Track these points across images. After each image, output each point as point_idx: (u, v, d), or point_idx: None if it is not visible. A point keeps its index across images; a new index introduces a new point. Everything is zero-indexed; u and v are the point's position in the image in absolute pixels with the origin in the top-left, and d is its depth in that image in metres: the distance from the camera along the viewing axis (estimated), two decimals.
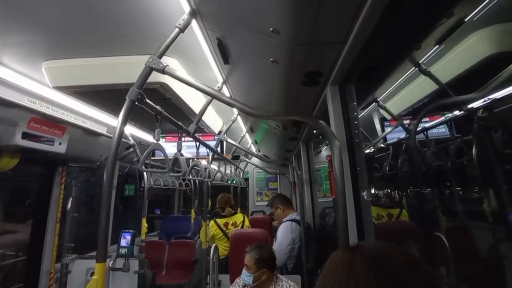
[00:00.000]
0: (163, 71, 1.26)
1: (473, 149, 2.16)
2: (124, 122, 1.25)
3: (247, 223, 3.84)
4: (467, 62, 1.64)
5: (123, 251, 2.90)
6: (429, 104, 2.05)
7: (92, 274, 1.10)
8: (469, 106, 2.00)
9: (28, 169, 2.92)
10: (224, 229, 3.62)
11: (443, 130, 2.53)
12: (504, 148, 1.79)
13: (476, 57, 1.58)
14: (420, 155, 2.48)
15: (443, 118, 2.48)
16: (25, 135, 2.21)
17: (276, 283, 2.10)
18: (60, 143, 2.55)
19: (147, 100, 1.33)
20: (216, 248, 2.84)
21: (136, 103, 1.26)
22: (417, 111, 2.30)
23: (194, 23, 1.30)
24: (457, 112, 2.32)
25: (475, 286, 1.97)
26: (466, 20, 1.30)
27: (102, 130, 2.82)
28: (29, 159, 2.63)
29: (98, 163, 3.34)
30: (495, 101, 1.75)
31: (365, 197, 1.29)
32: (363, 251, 0.59)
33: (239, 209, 5.50)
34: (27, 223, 2.98)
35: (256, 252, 2.12)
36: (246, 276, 2.10)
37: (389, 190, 2.86)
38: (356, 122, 1.43)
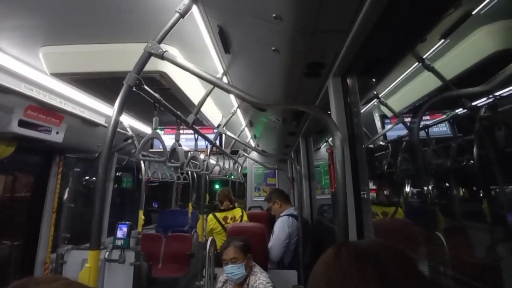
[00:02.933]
0: (162, 56, 1.23)
1: (474, 149, 2.14)
2: (120, 110, 1.22)
3: (245, 218, 3.83)
4: (472, 59, 1.61)
5: (119, 242, 2.88)
6: (431, 99, 2.02)
7: None
8: (472, 104, 1.98)
9: (24, 158, 2.90)
10: (223, 223, 3.61)
11: (444, 129, 2.51)
12: (507, 148, 1.77)
13: (481, 54, 1.55)
14: (421, 153, 2.46)
15: (444, 116, 2.45)
16: (21, 123, 2.18)
17: (252, 270, 2.14)
18: (57, 132, 2.53)
19: (145, 87, 1.30)
20: (213, 241, 2.82)
21: (134, 89, 1.23)
22: (419, 109, 2.27)
23: (195, 9, 1.27)
24: (458, 111, 2.30)
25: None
26: (473, 13, 1.27)
27: (100, 120, 2.80)
28: (26, 147, 2.60)
29: (96, 154, 3.32)
30: (498, 99, 1.73)
31: (365, 191, 1.27)
32: (351, 245, 0.59)
33: (236, 204, 5.49)
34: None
35: (237, 240, 2.15)
36: (236, 269, 2.05)
37: (387, 189, 2.85)
38: (357, 116, 1.41)
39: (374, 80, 1.65)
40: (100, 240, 1.12)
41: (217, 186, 4.63)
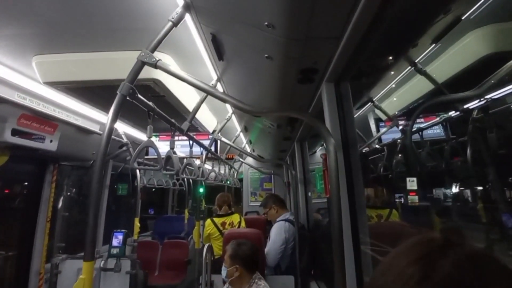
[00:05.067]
0: (155, 65, 1.23)
1: (468, 150, 2.16)
2: (114, 118, 1.22)
3: (243, 224, 3.81)
4: (464, 62, 1.63)
5: (114, 251, 2.85)
6: (425, 103, 2.04)
7: None
8: (464, 106, 2.00)
9: (18, 167, 2.86)
10: (221, 228, 3.59)
11: (438, 131, 2.53)
12: (499, 149, 1.79)
13: (472, 57, 1.57)
14: (415, 155, 2.48)
15: (438, 119, 2.48)
16: (14, 132, 2.16)
17: (251, 286, 2.05)
18: (51, 141, 2.50)
19: (139, 96, 1.30)
20: (209, 248, 2.80)
21: (128, 98, 1.23)
22: (412, 112, 2.29)
23: (188, 17, 1.27)
24: (452, 113, 2.32)
25: None
26: (463, 18, 1.29)
27: (94, 128, 2.78)
28: (19, 156, 2.58)
29: (91, 161, 3.29)
30: (490, 102, 1.75)
31: (359, 195, 1.27)
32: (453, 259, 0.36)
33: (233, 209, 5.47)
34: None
35: (232, 247, 2.14)
36: (223, 270, 2.15)
37: (382, 191, 2.85)
38: (351, 121, 1.42)
39: (367, 85, 1.66)
40: (94, 250, 1.11)
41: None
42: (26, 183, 3.02)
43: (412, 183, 2.39)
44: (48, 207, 2.99)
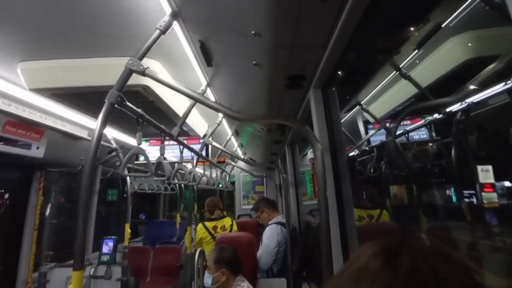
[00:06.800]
0: (143, 73, 1.24)
1: (452, 151, 2.22)
2: (103, 125, 1.22)
3: (235, 227, 3.81)
4: (445, 67, 1.69)
5: (105, 258, 2.81)
6: (409, 107, 2.10)
7: None
8: (448, 109, 2.06)
9: (3, 174, 2.81)
10: (212, 232, 3.58)
11: (423, 133, 2.59)
12: (480, 149, 1.84)
13: (453, 62, 1.63)
14: (401, 156, 2.53)
15: (423, 121, 2.54)
16: None
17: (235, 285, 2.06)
18: (37, 147, 2.47)
19: (128, 103, 1.30)
20: (202, 253, 2.80)
21: (116, 106, 1.23)
22: (398, 114, 2.35)
23: (175, 25, 1.28)
24: (436, 115, 2.38)
25: None
26: (443, 26, 1.34)
27: (82, 133, 2.75)
28: (4, 163, 2.53)
29: (79, 167, 3.25)
30: (472, 104, 1.81)
31: (347, 198, 1.30)
32: (410, 261, 0.41)
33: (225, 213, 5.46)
34: None
35: (216, 252, 2.12)
36: (206, 278, 2.10)
37: (371, 192, 2.90)
38: (338, 125, 1.45)
39: (354, 89, 1.70)
40: (83, 259, 1.10)
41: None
42: (12, 191, 2.95)
43: (487, 174, 1.67)
44: (36, 215, 2.94)
